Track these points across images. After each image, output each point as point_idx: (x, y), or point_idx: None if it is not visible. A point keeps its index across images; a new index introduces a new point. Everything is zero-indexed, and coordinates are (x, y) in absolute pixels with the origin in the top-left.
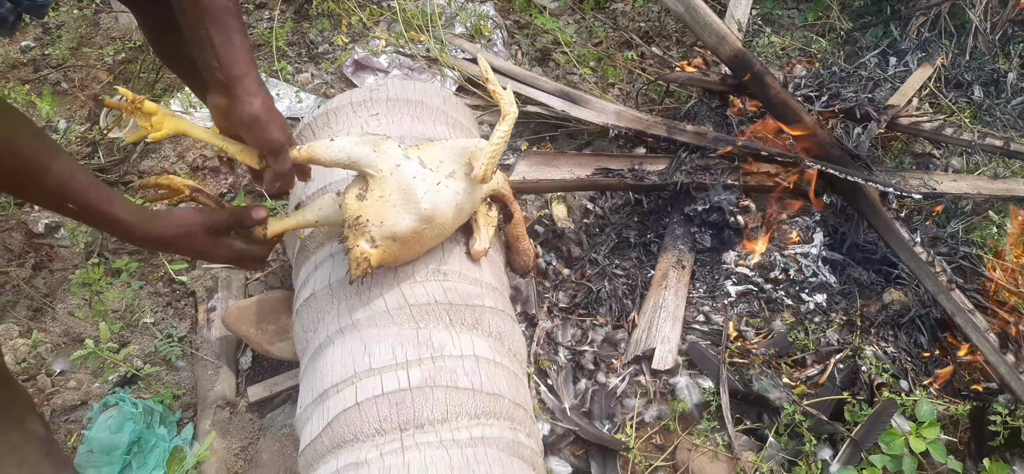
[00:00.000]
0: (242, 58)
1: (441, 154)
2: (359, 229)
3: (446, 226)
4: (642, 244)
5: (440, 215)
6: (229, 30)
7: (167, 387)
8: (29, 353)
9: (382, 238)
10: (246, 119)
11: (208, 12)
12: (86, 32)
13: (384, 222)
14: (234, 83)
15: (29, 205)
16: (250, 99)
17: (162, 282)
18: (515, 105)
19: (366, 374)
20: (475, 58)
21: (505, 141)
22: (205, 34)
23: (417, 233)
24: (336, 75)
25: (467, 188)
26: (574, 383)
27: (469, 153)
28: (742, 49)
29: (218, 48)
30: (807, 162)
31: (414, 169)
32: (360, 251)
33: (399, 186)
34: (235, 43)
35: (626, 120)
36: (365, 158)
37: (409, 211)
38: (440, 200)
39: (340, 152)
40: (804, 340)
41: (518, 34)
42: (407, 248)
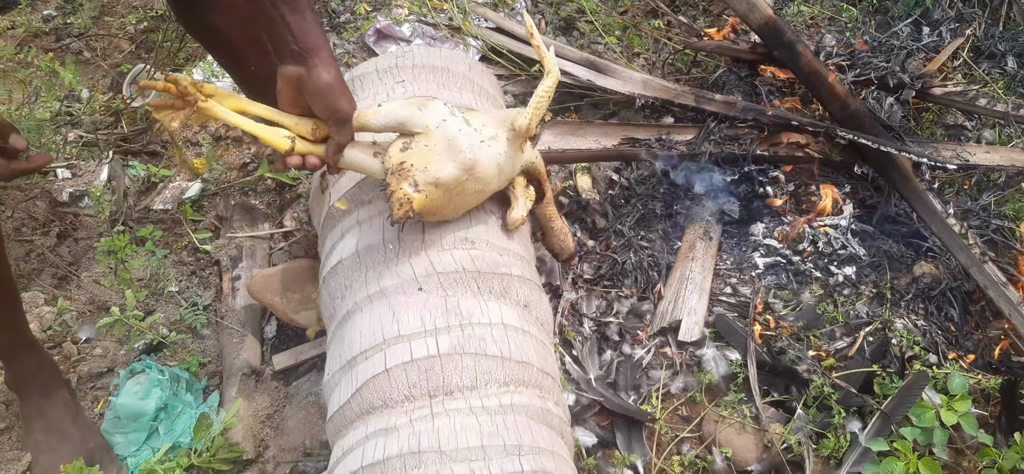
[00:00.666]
0: (316, 30)
1: (485, 119)
2: (403, 173)
3: (488, 182)
4: (668, 216)
5: (482, 168)
6: (301, 6)
7: (193, 355)
8: (55, 321)
9: (425, 183)
10: (321, 88)
11: None
12: (108, 1)
13: (428, 167)
14: (310, 53)
15: (53, 174)
16: (326, 69)
17: (186, 251)
18: (557, 66)
19: (395, 341)
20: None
21: (549, 97)
22: (278, 13)
23: (459, 183)
24: (358, 44)
25: (509, 151)
26: (599, 354)
27: (511, 119)
28: (773, 16)
29: (292, 24)
30: (839, 132)
31: (459, 124)
32: (404, 193)
33: (444, 136)
34: (307, 17)
35: (653, 89)
36: (412, 117)
37: (453, 159)
38: (482, 155)
39: (388, 116)
40: (833, 313)
41: (541, 2)
42: (449, 199)
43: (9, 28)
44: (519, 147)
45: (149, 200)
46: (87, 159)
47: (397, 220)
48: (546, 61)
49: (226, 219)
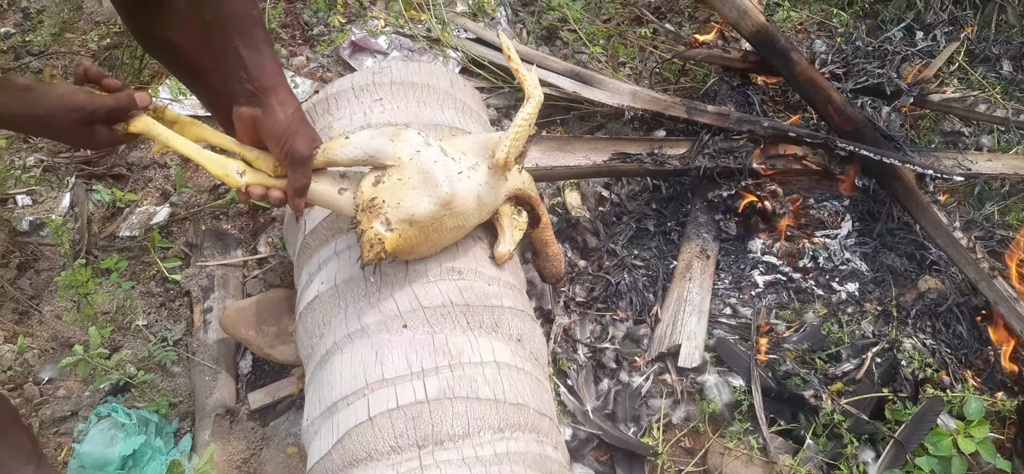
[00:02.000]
0: (272, 68)
1: (464, 146)
2: (374, 211)
3: (467, 217)
4: (662, 233)
5: (460, 202)
6: (256, 41)
7: (163, 395)
8: (15, 360)
9: (399, 221)
10: (276, 130)
11: (234, 24)
12: (69, 17)
13: (401, 204)
14: (265, 93)
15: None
16: (281, 108)
17: (154, 281)
18: (540, 87)
19: (379, 385)
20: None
21: (529, 124)
22: (232, 46)
23: (436, 219)
24: (332, 58)
25: (490, 181)
26: (595, 383)
27: (492, 145)
28: (766, 24)
29: (247, 60)
30: (839, 143)
31: (435, 154)
32: (375, 233)
33: (419, 169)
34: (263, 54)
35: (642, 101)
36: (384, 150)
37: (428, 194)
38: (461, 187)
39: (357, 149)
40: (838, 333)
41: (522, 11)
42: (425, 236)
43: None
44: (502, 175)
45: (114, 226)
46: (47, 186)
47: (368, 263)
48: (526, 85)
49: (196, 246)
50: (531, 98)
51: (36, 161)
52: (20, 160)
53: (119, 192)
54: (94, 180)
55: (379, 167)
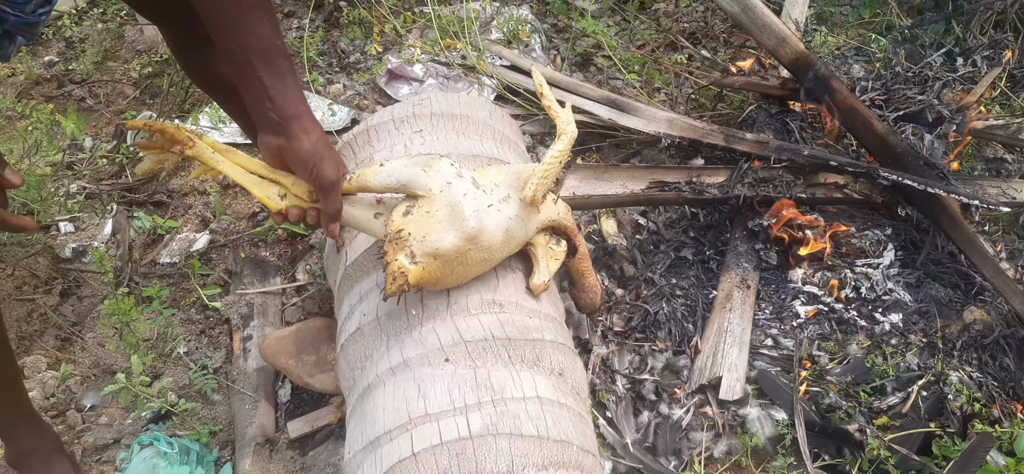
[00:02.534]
0: (295, 97)
1: (498, 177)
2: (399, 243)
3: (493, 250)
4: (700, 261)
5: (487, 237)
6: (280, 70)
7: (203, 423)
8: (58, 387)
9: (423, 254)
10: (302, 156)
11: (259, 54)
12: (111, 45)
13: (426, 237)
14: (289, 122)
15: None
16: (306, 136)
17: (194, 309)
18: (573, 123)
19: (421, 420)
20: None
21: (560, 162)
22: (256, 76)
23: (461, 253)
24: (368, 85)
25: (521, 213)
26: (635, 415)
27: (526, 178)
28: (805, 51)
29: (271, 89)
30: (882, 172)
31: (465, 187)
32: (398, 266)
33: (447, 202)
34: (287, 83)
35: (679, 128)
36: (416, 178)
37: (454, 228)
38: (488, 221)
39: (390, 177)
40: (883, 365)
41: (556, 38)
42: (449, 269)
43: (9, 76)
44: (534, 208)
45: (155, 253)
46: (90, 212)
47: (390, 295)
48: (559, 121)
49: (236, 273)
50: (563, 135)
51: (79, 188)
52: (63, 187)
53: (160, 219)
54: (135, 207)
55: (411, 196)
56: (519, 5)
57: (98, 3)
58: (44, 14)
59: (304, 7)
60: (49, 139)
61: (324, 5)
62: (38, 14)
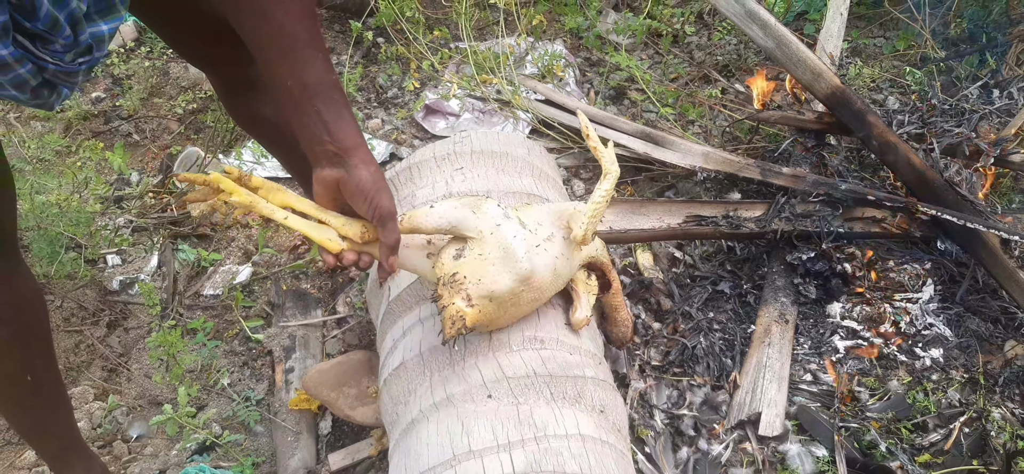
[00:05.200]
0: (352, 130)
1: (540, 216)
2: (455, 286)
3: (544, 290)
4: (737, 295)
5: (538, 277)
6: (337, 104)
7: (247, 455)
8: (105, 418)
9: (479, 297)
10: (362, 187)
11: (316, 90)
12: (156, 82)
13: (482, 280)
14: (347, 154)
15: (103, 261)
16: (365, 167)
17: (238, 340)
18: (616, 163)
19: (466, 456)
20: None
21: (607, 201)
22: (314, 110)
23: (515, 294)
24: (406, 121)
25: (566, 252)
26: (674, 451)
27: (567, 216)
28: (841, 86)
29: (329, 123)
30: (921, 207)
31: (515, 229)
32: (456, 309)
33: (499, 245)
34: (344, 116)
35: (714, 162)
36: (466, 221)
37: (508, 270)
38: (539, 262)
39: (441, 219)
40: (924, 401)
41: (590, 72)
42: (503, 310)
43: (58, 112)
44: (576, 246)
45: (199, 285)
46: (137, 245)
47: (449, 339)
48: (604, 161)
49: (278, 306)
50: (608, 174)
51: (126, 222)
52: (111, 222)
53: (203, 252)
54: (180, 240)
55: (460, 238)
56: (553, 40)
57: (144, 42)
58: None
59: (344, 44)
60: (98, 174)
61: (363, 42)
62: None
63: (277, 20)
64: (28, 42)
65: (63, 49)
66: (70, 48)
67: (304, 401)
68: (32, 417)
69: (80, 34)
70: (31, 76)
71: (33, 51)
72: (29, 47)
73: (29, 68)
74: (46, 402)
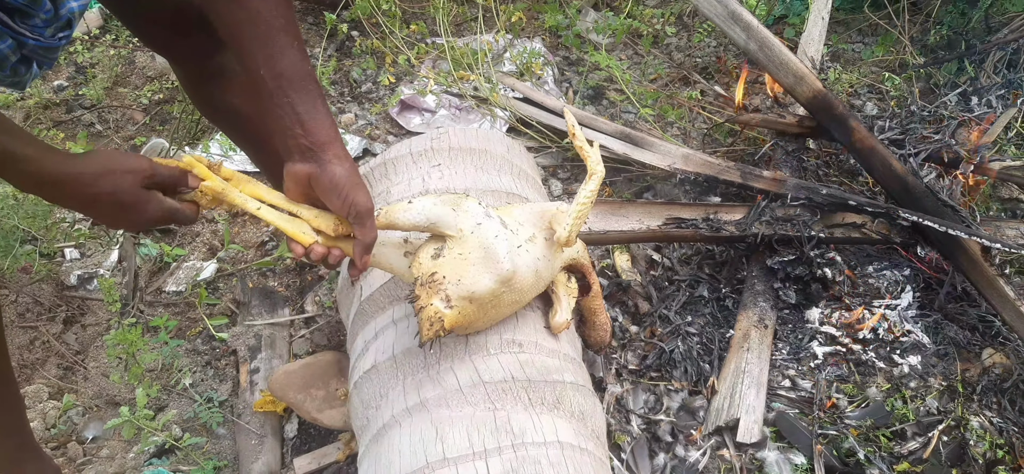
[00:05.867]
0: (327, 124)
1: (521, 216)
2: (433, 287)
3: (524, 292)
4: (716, 299)
5: (520, 279)
6: (311, 95)
7: (208, 458)
8: (59, 418)
9: (458, 298)
10: (335, 183)
11: (290, 80)
12: (121, 71)
13: (462, 280)
14: (321, 149)
15: (61, 255)
16: (338, 162)
17: (200, 339)
18: (602, 164)
19: (440, 464)
20: (526, 97)
21: (591, 202)
22: (287, 101)
23: (495, 296)
24: (380, 116)
25: (547, 254)
26: (651, 458)
27: (549, 216)
28: (823, 90)
29: (302, 115)
30: (901, 213)
31: (496, 228)
32: (434, 310)
33: (480, 244)
34: (318, 108)
35: (694, 164)
36: (445, 218)
37: (489, 271)
38: (520, 263)
39: (419, 215)
40: (902, 409)
41: (568, 71)
42: (483, 312)
43: (18, 99)
44: (559, 247)
45: (161, 281)
46: (96, 239)
47: (426, 341)
48: (589, 161)
49: (244, 304)
50: (594, 175)
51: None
52: (70, 214)
53: (166, 247)
54: (142, 234)
55: (438, 236)
56: (532, 38)
57: (110, 29)
58: (64, 40)
59: (317, 36)
60: None
61: (337, 35)
62: (58, 39)
63: (253, 5)
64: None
65: (43, 23)
66: (50, 22)
67: (269, 403)
68: None
69: (61, 7)
70: (11, 51)
71: (12, 26)
72: (8, 22)
73: (8, 44)
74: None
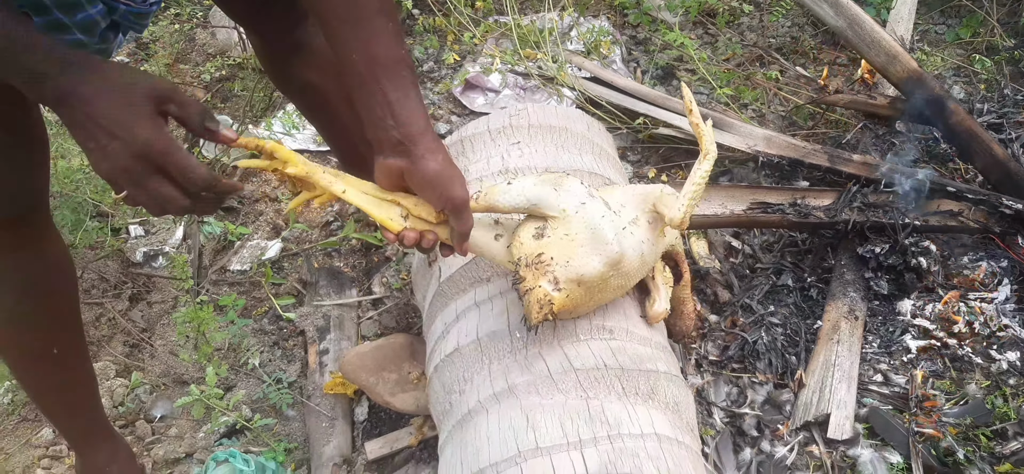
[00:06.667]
0: (420, 114)
1: (623, 198)
2: (541, 268)
3: (630, 276)
4: (800, 288)
5: (627, 262)
6: (405, 84)
7: (279, 440)
8: (127, 395)
9: (567, 281)
10: (429, 178)
11: (384, 65)
12: (182, 48)
13: (570, 262)
14: (413, 142)
15: (125, 231)
16: (433, 156)
17: (267, 318)
18: (715, 144)
19: (532, 454)
20: (594, 76)
21: (706, 182)
22: (379, 89)
23: (603, 279)
24: (443, 95)
25: (651, 238)
26: (735, 452)
27: (653, 199)
28: (918, 69)
29: (395, 105)
30: (1006, 201)
31: (601, 209)
32: (543, 292)
33: (586, 225)
34: (412, 98)
35: (777, 147)
36: (547, 198)
37: (598, 253)
38: (627, 246)
39: (519, 195)
40: (1003, 407)
41: (636, 50)
42: (589, 296)
43: None
44: (661, 231)
45: (225, 260)
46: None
47: (535, 324)
48: (703, 141)
49: (311, 284)
50: (708, 155)
51: None
52: None
53: (230, 225)
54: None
55: (539, 217)
56: (597, 16)
57: (171, 4)
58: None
59: None
60: None
61: (399, 12)
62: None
63: None
64: None
65: None
66: None
67: (340, 385)
68: (56, 394)
69: None
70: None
71: None
72: None
73: (99, 9)
74: (71, 378)
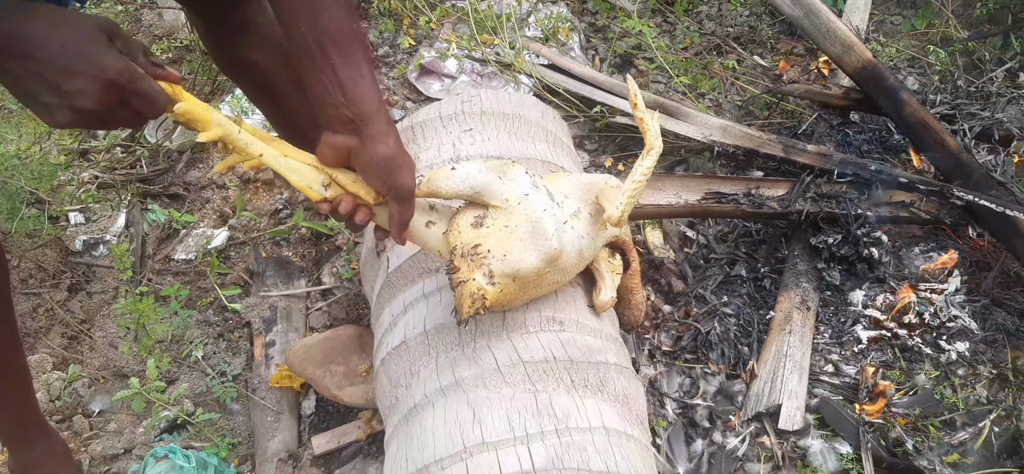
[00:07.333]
0: (373, 93)
1: (567, 188)
2: (477, 260)
3: (567, 272)
4: (753, 278)
5: (565, 258)
6: (357, 60)
7: (222, 434)
8: (64, 389)
9: (502, 275)
10: (378, 162)
11: (334, 39)
12: (128, 29)
13: (508, 256)
14: (365, 121)
15: (65, 219)
16: (384, 139)
17: (212, 309)
18: (661, 139)
19: (478, 449)
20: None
21: (647, 178)
22: (329, 64)
23: (539, 275)
24: (398, 81)
25: (591, 232)
26: (687, 443)
27: (597, 190)
28: (873, 60)
29: (345, 81)
30: (956, 192)
31: (544, 201)
32: (476, 286)
33: (527, 218)
34: (364, 75)
35: (733, 137)
36: (491, 186)
37: (536, 248)
38: (566, 241)
39: (462, 182)
40: (952, 397)
41: (594, 37)
42: (523, 291)
43: None
44: (603, 223)
45: (170, 249)
46: (103, 203)
47: (465, 318)
48: (648, 135)
49: (258, 274)
50: (652, 150)
51: (91, 177)
52: (76, 176)
53: (175, 213)
54: (149, 199)
55: (480, 205)
56: (556, 2)
57: None
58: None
59: None
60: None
61: None
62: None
63: None
64: None
65: None
66: None
67: (286, 378)
68: None
69: None
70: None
71: None
72: None
73: None
74: (4, 372)
